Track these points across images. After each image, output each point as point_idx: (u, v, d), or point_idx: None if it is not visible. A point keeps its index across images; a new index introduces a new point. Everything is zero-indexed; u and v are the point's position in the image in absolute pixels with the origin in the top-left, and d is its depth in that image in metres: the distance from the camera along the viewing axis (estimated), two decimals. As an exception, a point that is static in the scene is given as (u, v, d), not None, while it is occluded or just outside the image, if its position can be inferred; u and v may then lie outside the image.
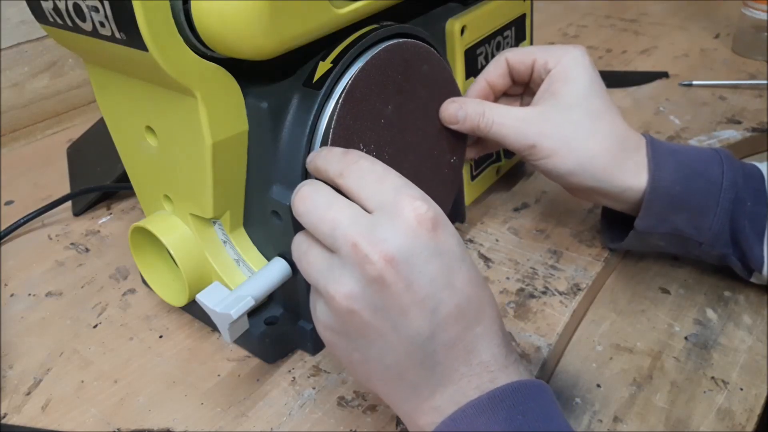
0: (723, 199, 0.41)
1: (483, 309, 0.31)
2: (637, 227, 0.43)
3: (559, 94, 0.43)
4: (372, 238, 0.29)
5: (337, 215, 0.31)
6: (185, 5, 0.33)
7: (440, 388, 0.30)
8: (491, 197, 0.58)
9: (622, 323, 0.46)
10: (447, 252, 0.30)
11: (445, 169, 0.46)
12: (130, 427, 0.40)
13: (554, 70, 0.44)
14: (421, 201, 0.30)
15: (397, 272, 0.29)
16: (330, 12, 0.36)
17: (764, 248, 0.42)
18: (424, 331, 0.30)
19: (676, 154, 0.43)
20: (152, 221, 0.42)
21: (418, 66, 0.42)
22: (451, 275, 0.30)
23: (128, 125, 0.41)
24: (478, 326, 0.31)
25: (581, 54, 0.44)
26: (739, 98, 0.71)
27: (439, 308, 0.30)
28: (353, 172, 0.32)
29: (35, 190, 0.64)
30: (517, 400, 0.29)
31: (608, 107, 0.43)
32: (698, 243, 0.43)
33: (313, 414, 0.40)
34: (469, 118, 0.44)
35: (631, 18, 0.96)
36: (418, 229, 0.30)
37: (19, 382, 0.43)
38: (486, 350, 0.31)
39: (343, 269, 0.30)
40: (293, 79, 0.39)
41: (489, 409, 0.29)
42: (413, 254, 0.29)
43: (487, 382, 0.30)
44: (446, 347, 0.30)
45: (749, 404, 0.39)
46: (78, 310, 0.49)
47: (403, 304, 0.29)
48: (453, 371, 0.30)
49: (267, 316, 0.43)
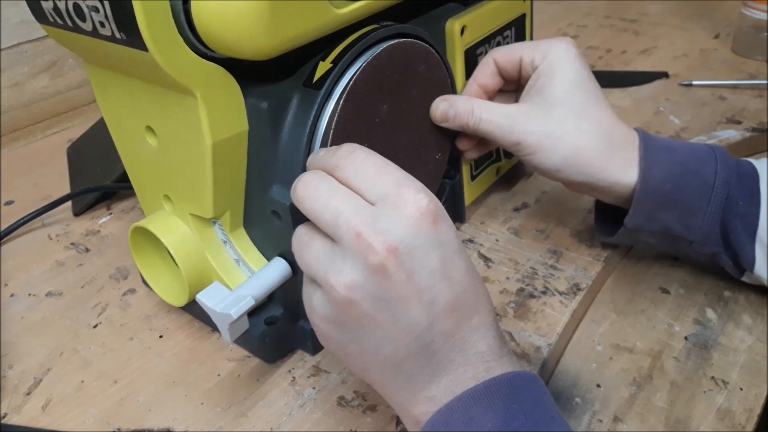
0: (714, 199, 0.41)
1: (479, 301, 0.32)
2: (627, 224, 0.43)
3: (544, 91, 0.43)
4: (375, 228, 0.29)
5: (340, 204, 0.31)
6: (185, 5, 0.33)
7: (436, 378, 0.31)
8: (491, 197, 0.58)
9: (622, 323, 0.46)
10: (446, 244, 0.31)
11: (431, 165, 0.47)
12: (130, 427, 0.40)
13: (540, 66, 0.44)
14: (424, 194, 0.31)
15: (399, 263, 0.29)
16: (330, 12, 0.36)
17: (756, 248, 0.42)
18: (422, 322, 0.30)
19: (669, 151, 0.42)
20: (152, 221, 0.42)
21: (416, 66, 0.42)
22: (449, 267, 0.30)
23: (128, 125, 0.41)
24: (475, 317, 0.31)
25: (566, 48, 0.44)
26: (739, 98, 0.71)
27: (438, 299, 0.30)
28: (349, 163, 0.32)
29: (35, 190, 0.64)
30: (513, 390, 0.30)
31: (595, 102, 0.43)
32: (688, 242, 0.43)
33: (313, 414, 0.40)
34: (458, 116, 0.44)
35: (631, 18, 0.96)
36: (421, 221, 0.30)
37: (19, 382, 0.43)
38: (482, 341, 0.31)
39: (345, 259, 0.30)
40: (293, 79, 0.39)
41: (485, 398, 0.29)
42: (415, 246, 0.30)
43: (482, 372, 0.30)
44: (443, 338, 0.30)
45: (749, 404, 0.39)
46: (78, 310, 0.49)
47: (403, 295, 0.29)
48: (449, 361, 0.30)
49: (267, 316, 0.43)
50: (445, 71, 0.46)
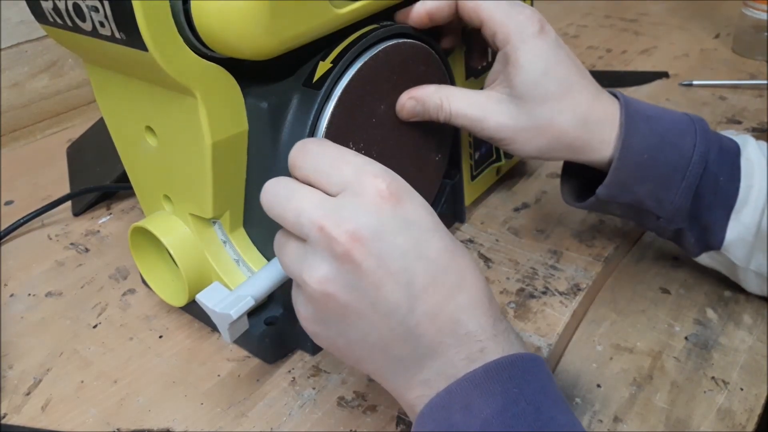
0: (690, 174, 0.40)
1: (464, 278, 0.31)
2: (599, 195, 0.42)
3: (512, 82, 0.41)
4: (337, 219, 0.29)
5: (299, 203, 0.31)
6: (185, 5, 0.33)
7: (428, 362, 0.30)
8: (491, 197, 0.58)
9: (622, 323, 0.45)
10: (415, 224, 0.30)
11: (430, 167, 0.47)
12: (130, 427, 0.40)
13: (504, 49, 0.41)
14: (383, 177, 0.30)
15: (365, 249, 0.29)
16: (330, 12, 0.36)
17: (729, 224, 0.41)
18: (402, 305, 0.30)
19: (650, 121, 0.41)
20: (152, 221, 0.42)
21: (415, 66, 0.42)
22: (422, 246, 0.30)
23: (128, 125, 0.41)
24: (460, 295, 0.30)
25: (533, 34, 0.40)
26: (739, 98, 0.71)
27: (414, 280, 0.30)
28: (305, 161, 0.32)
29: (35, 190, 0.64)
30: (513, 374, 0.29)
31: (568, 88, 0.41)
32: (656, 217, 0.42)
33: (313, 414, 0.40)
34: (427, 113, 0.42)
35: (631, 18, 0.96)
36: (382, 204, 0.30)
37: (19, 382, 0.43)
38: (472, 320, 0.30)
39: (315, 255, 0.30)
40: (293, 79, 0.39)
41: (484, 382, 0.29)
42: (380, 230, 0.29)
43: (476, 352, 0.30)
44: (428, 318, 0.30)
45: (749, 404, 0.39)
46: (78, 310, 0.49)
47: (377, 280, 0.29)
48: (438, 343, 0.30)
49: (267, 316, 0.43)
50: (445, 71, 0.46)
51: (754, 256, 0.42)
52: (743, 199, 0.40)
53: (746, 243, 0.41)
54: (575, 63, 0.42)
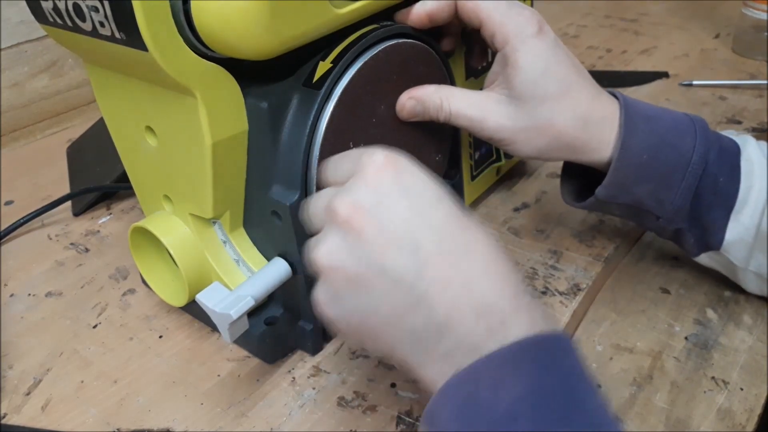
0: (689, 174, 0.40)
1: (475, 245, 0.31)
2: (599, 195, 0.42)
3: (512, 83, 0.41)
4: (341, 197, 0.31)
5: (319, 200, 0.34)
6: (185, 5, 0.33)
7: (446, 332, 0.29)
8: (491, 197, 0.58)
9: (622, 323, 0.45)
10: (418, 193, 0.31)
11: (430, 167, 0.47)
12: (130, 427, 0.40)
13: (503, 50, 0.41)
14: (380, 152, 0.32)
15: (365, 217, 0.30)
16: (330, 12, 0.36)
17: (729, 225, 0.41)
18: (410, 270, 0.29)
19: (650, 121, 0.41)
20: (152, 221, 0.42)
21: (415, 66, 0.42)
22: (426, 213, 0.31)
23: (128, 125, 0.41)
24: (473, 263, 0.30)
25: (531, 35, 0.40)
26: (740, 98, 0.71)
27: (421, 245, 0.30)
28: (325, 174, 0.36)
29: (35, 190, 0.64)
30: (542, 354, 0.28)
31: (567, 88, 0.41)
32: (656, 217, 0.42)
33: (313, 414, 0.40)
34: (427, 113, 0.43)
35: (631, 18, 0.96)
36: (380, 174, 0.31)
37: (19, 382, 0.43)
38: (489, 290, 0.29)
39: (323, 234, 0.32)
40: (293, 79, 0.39)
41: (514, 360, 0.28)
42: (379, 199, 0.30)
43: (497, 324, 0.29)
44: (440, 285, 0.29)
45: (749, 404, 0.39)
46: (78, 310, 0.49)
47: (381, 246, 0.30)
48: (453, 312, 0.29)
49: (267, 316, 0.43)
50: (445, 72, 0.46)
51: (753, 256, 0.42)
52: (743, 199, 0.40)
53: (746, 243, 0.41)
54: (574, 63, 0.42)
